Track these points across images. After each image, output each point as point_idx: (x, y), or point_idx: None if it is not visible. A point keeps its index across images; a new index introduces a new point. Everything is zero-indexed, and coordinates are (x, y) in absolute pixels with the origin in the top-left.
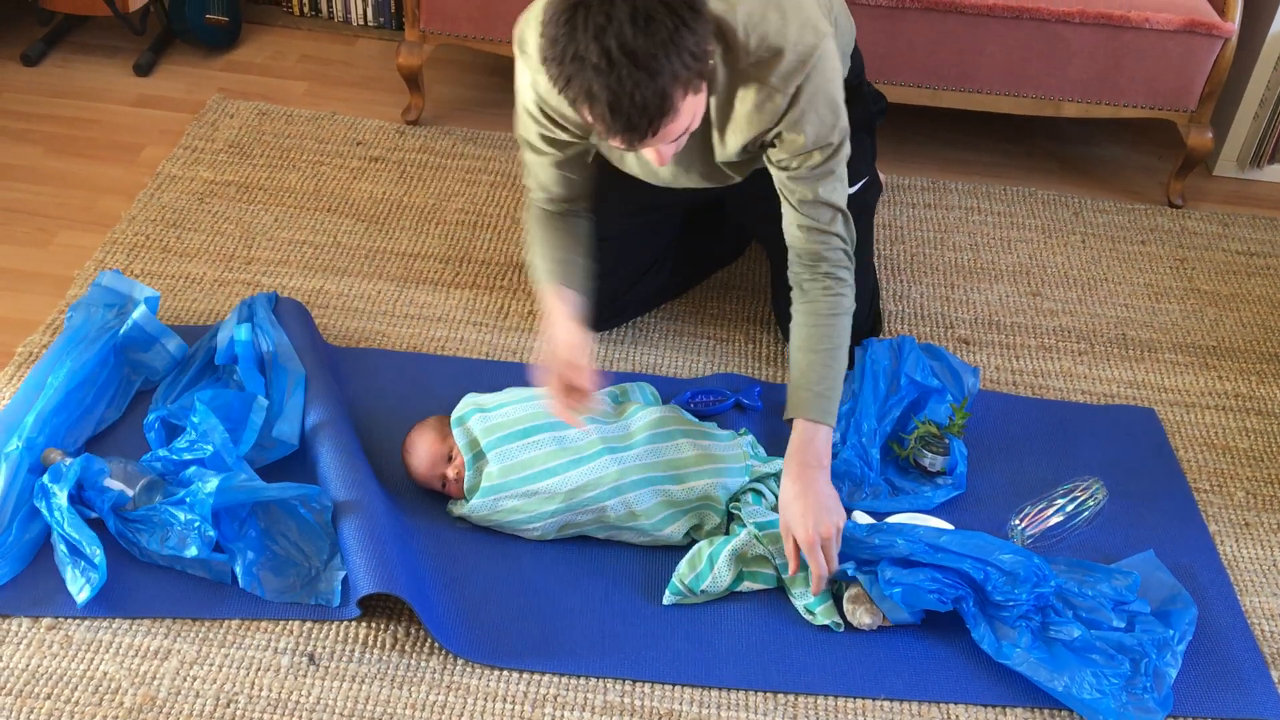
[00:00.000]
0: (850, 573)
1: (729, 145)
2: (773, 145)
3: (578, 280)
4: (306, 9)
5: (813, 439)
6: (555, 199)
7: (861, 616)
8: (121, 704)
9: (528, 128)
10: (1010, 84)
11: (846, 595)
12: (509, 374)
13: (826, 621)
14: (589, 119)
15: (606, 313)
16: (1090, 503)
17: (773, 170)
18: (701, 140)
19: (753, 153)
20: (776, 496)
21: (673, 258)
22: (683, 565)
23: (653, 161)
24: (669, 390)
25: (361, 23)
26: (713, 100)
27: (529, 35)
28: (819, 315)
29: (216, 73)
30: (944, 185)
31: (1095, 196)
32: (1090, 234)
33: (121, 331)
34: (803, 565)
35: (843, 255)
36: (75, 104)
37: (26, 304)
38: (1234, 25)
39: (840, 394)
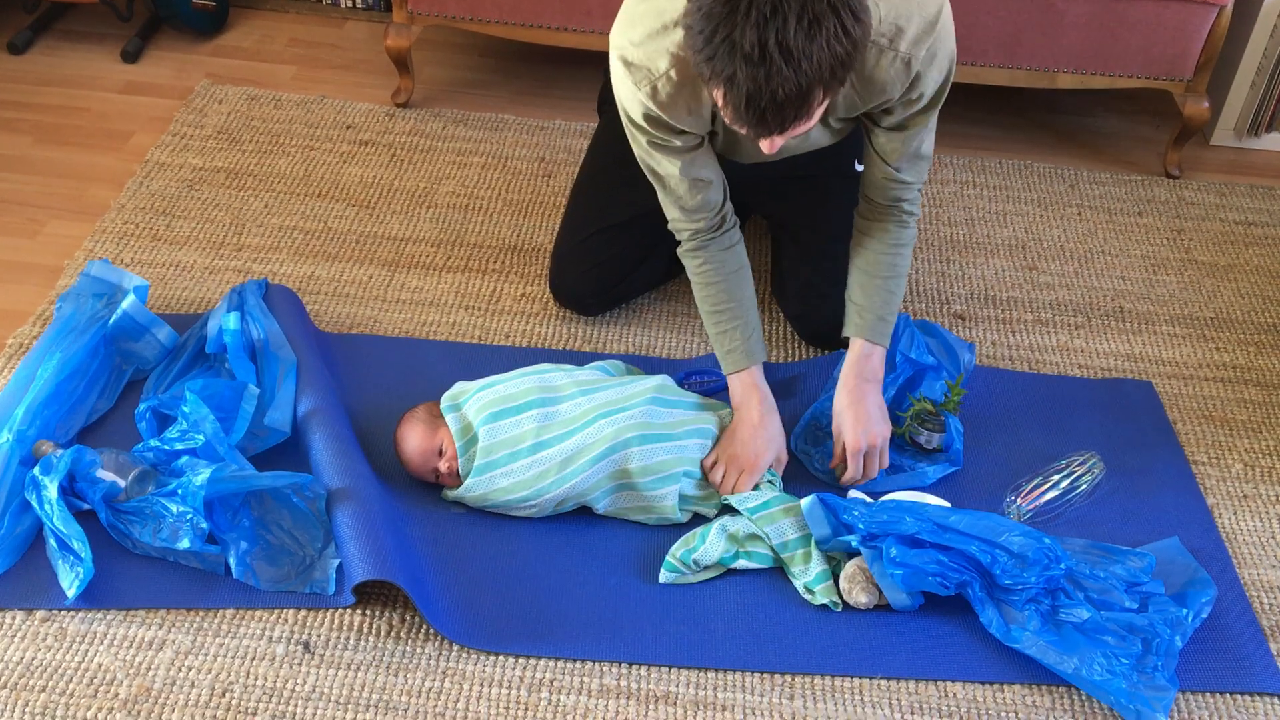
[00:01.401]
0: (855, 545)
1: (853, 107)
2: (891, 109)
3: (745, 335)
4: None
5: (870, 355)
6: (698, 216)
7: (858, 596)
8: (117, 695)
9: (638, 141)
10: (1004, 56)
11: (843, 574)
12: (502, 358)
13: (825, 600)
14: (719, 102)
15: (603, 297)
16: (1087, 477)
17: (875, 129)
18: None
19: (874, 114)
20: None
21: (671, 241)
22: (676, 544)
23: (765, 149)
24: (663, 371)
25: (350, 5)
26: None
27: (631, 42)
28: (886, 244)
29: (204, 58)
30: (939, 159)
31: (1091, 168)
32: (1086, 206)
33: (111, 321)
34: (822, 543)
35: (917, 194)
36: (63, 92)
37: (16, 295)
38: None
39: (895, 319)
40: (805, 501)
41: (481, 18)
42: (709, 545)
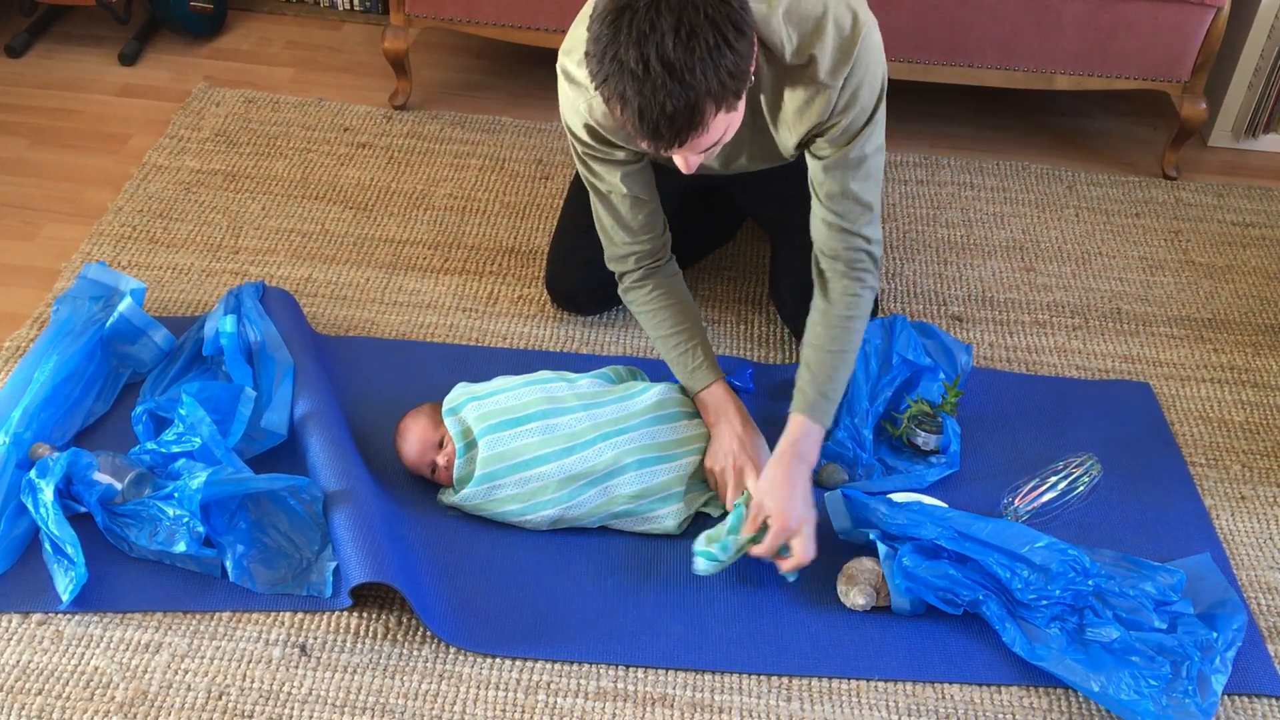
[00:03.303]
0: (872, 538)
1: (785, 139)
2: (821, 135)
3: (706, 352)
4: None
5: (807, 435)
6: (644, 237)
7: (855, 598)
8: (113, 698)
9: (581, 158)
10: (1002, 57)
11: (840, 576)
12: (499, 360)
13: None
14: (619, 118)
15: (599, 297)
16: (1085, 479)
17: (810, 160)
18: (756, 130)
19: (809, 142)
20: None
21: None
22: (703, 538)
23: (680, 168)
24: (659, 374)
25: (347, 7)
26: (762, 97)
27: (573, 61)
28: (834, 315)
29: (202, 61)
30: (936, 161)
31: (1089, 169)
32: (1084, 207)
33: (108, 324)
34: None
35: (865, 256)
36: (60, 95)
37: (13, 298)
38: None
39: (840, 397)
40: (829, 494)
41: (478, 20)
42: (739, 542)
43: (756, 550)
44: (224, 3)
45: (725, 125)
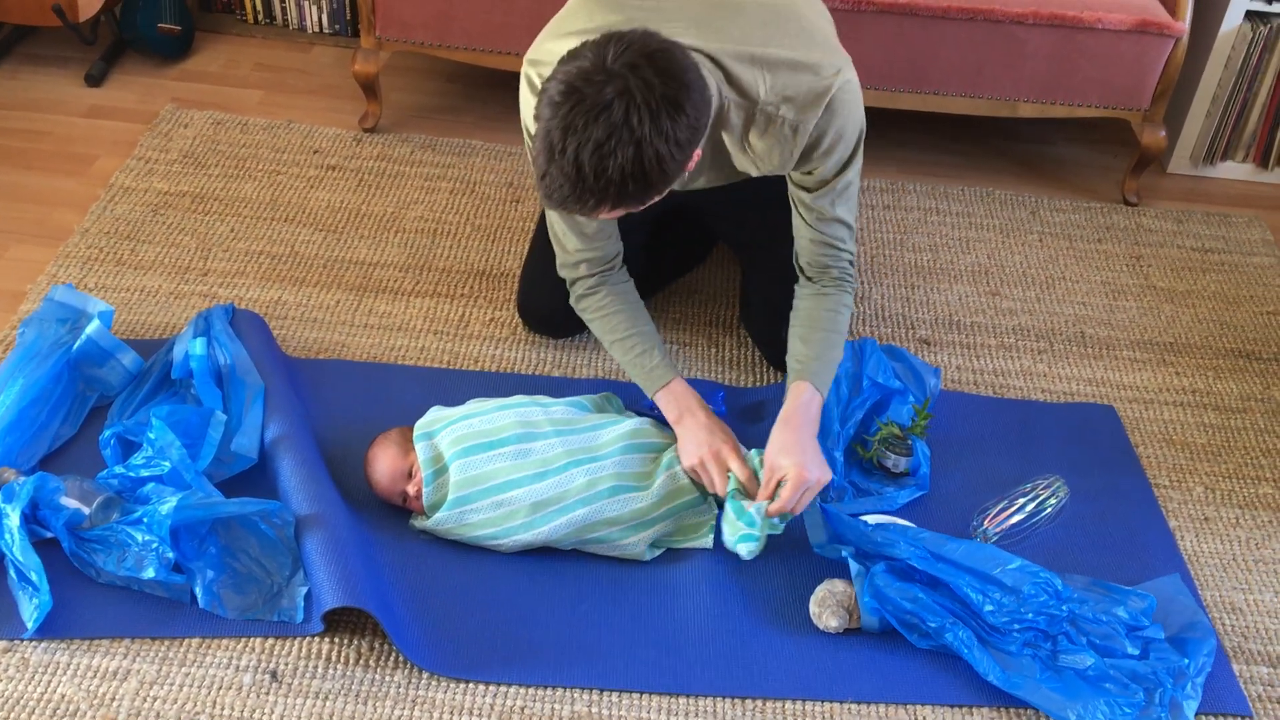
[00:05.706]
0: (844, 555)
1: (747, 168)
2: (808, 172)
3: (663, 353)
4: (261, 17)
5: (812, 401)
6: (597, 243)
7: (828, 620)
8: None
9: (533, 157)
10: (966, 85)
11: (813, 599)
12: (471, 382)
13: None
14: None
15: (573, 318)
16: (1052, 500)
17: (791, 186)
18: (718, 160)
19: (791, 175)
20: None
21: (639, 264)
22: (727, 533)
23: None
24: (632, 397)
25: (317, 30)
26: (726, 136)
27: (539, 74)
28: (823, 306)
29: (170, 82)
30: (902, 186)
31: (1052, 196)
32: (1047, 233)
33: (75, 347)
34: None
35: (848, 265)
36: (25, 115)
37: None
38: (1185, 25)
39: (835, 371)
40: (808, 509)
41: (449, 44)
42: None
43: (773, 508)
44: (192, 24)
45: (624, 212)
